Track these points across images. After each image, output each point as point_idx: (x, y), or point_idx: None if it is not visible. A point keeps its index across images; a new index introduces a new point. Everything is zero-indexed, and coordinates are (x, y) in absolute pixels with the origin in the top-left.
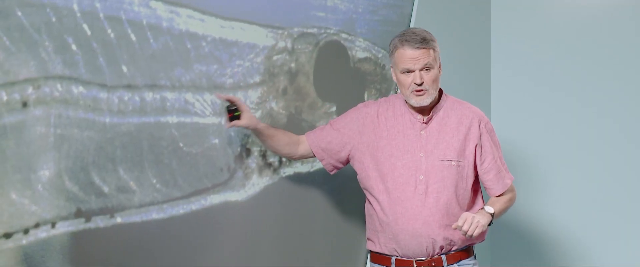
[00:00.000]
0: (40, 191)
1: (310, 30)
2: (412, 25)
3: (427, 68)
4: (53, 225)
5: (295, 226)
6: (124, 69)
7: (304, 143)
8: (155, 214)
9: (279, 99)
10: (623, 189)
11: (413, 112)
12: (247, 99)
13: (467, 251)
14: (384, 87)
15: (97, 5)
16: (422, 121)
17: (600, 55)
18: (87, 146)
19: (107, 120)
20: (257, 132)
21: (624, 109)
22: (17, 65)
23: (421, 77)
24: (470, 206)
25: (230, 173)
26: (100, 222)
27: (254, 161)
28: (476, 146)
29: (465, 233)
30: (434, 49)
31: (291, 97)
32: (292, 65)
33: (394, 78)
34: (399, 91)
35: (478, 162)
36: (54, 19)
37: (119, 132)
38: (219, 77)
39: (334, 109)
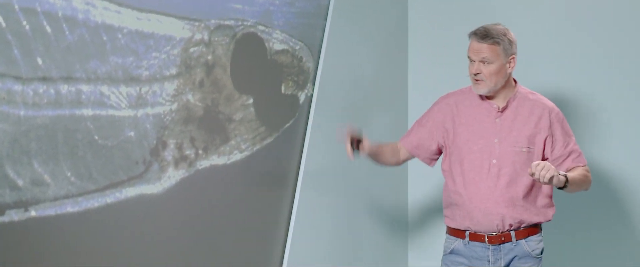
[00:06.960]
0: None
1: (227, 23)
2: (329, 16)
3: (484, 61)
4: None
5: (212, 219)
6: (39, 61)
7: (402, 148)
8: (70, 207)
9: (195, 91)
10: None
11: (490, 101)
12: (164, 91)
13: (536, 227)
14: (302, 79)
15: None
16: (497, 110)
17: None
18: (1, 139)
19: (22, 113)
20: (370, 156)
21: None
22: None
23: (477, 68)
24: (537, 192)
25: (146, 166)
26: (14, 215)
27: (170, 154)
28: (546, 136)
29: (532, 174)
30: (498, 45)
31: (208, 89)
32: (209, 57)
33: None
34: None
35: (548, 151)
36: None
37: (34, 125)
38: (135, 69)
39: (250, 101)
